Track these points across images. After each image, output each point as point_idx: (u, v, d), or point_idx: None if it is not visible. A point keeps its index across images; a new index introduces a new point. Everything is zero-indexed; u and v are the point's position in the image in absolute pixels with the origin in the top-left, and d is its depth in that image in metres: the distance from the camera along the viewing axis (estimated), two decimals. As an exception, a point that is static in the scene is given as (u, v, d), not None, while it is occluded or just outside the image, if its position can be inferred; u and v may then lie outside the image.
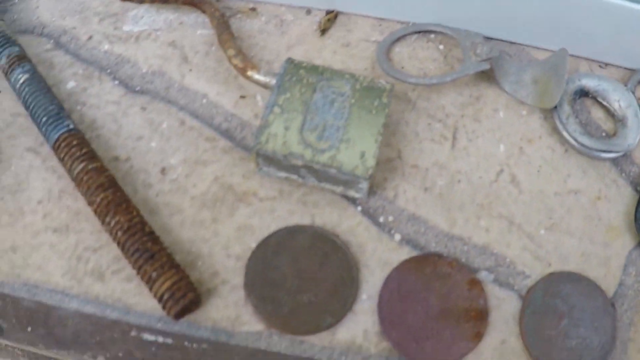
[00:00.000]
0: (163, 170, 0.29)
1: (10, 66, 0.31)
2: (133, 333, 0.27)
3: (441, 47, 0.33)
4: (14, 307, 0.28)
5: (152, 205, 0.28)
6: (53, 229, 0.29)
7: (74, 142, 0.28)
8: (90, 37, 0.33)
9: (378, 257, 0.28)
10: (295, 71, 0.28)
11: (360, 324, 0.27)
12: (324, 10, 0.33)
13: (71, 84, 0.31)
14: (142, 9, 0.33)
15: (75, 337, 0.27)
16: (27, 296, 0.28)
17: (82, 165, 0.28)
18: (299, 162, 0.27)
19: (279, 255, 0.27)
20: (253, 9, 0.32)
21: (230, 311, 0.27)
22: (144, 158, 0.29)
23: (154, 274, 0.26)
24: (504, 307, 0.27)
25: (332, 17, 0.32)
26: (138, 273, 0.27)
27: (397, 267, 0.28)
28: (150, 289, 0.26)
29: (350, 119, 0.28)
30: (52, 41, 0.33)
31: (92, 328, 0.27)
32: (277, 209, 0.28)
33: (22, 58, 0.31)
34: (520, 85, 0.32)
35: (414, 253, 0.28)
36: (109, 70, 0.31)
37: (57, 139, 0.29)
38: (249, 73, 0.29)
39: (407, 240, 0.28)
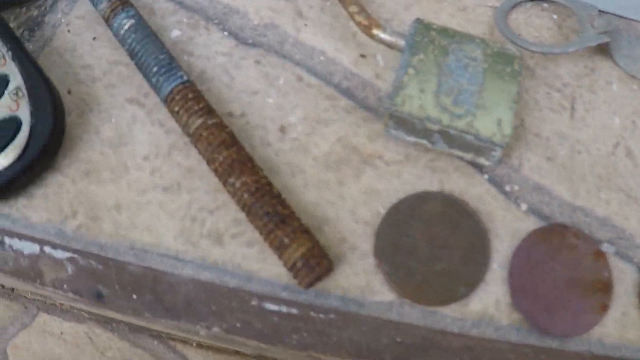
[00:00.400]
0: (282, 128, 0.27)
1: (112, 10, 0.28)
2: (253, 302, 0.25)
3: (555, 16, 0.32)
4: (118, 272, 0.26)
5: (272, 164, 0.27)
6: (163, 187, 0.27)
7: (190, 95, 0.26)
8: (192, -16, 0.30)
9: (507, 225, 0.27)
10: (426, 32, 0.27)
11: (492, 294, 0.26)
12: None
13: (175, 33, 0.29)
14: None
15: (187, 306, 0.25)
16: (133, 260, 0.26)
17: (200, 120, 0.26)
18: (435, 127, 0.26)
19: (410, 222, 0.26)
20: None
21: (360, 279, 0.25)
22: (260, 114, 0.27)
23: (286, 240, 0.24)
24: (624, 279, 0.27)
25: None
26: (266, 238, 0.25)
27: (526, 237, 0.27)
28: (281, 255, 0.25)
29: (484, 84, 0.26)
30: (148, -14, 0.31)
31: (207, 296, 0.25)
32: (403, 174, 0.27)
33: (125, 2, 0.28)
34: (633, 59, 0.31)
35: (540, 223, 0.27)
36: (216, 20, 0.29)
37: (171, 91, 0.27)
38: (374, 31, 0.27)
39: (532, 210, 0.27)
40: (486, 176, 0.28)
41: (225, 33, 0.29)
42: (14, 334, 0.38)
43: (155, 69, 0.27)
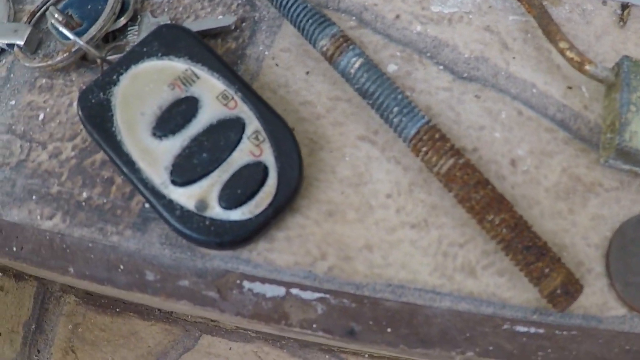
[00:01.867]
0: (512, 162, 0.29)
1: (337, 48, 0.28)
2: (505, 326, 0.28)
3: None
4: (373, 309, 0.27)
5: (509, 197, 0.28)
6: (410, 225, 0.28)
7: (437, 136, 0.27)
8: (397, 16, 0.31)
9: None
10: (637, 69, 0.29)
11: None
12: (616, 1, 0.33)
13: (392, 67, 0.30)
14: (446, -13, 0.31)
15: (443, 335, 0.27)
16: (390, 297, 0.27)
17: (452, 160, 0.27)
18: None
19: (636, 242, 0.29)
20: (558, -5, 0.32)
21: (597, 298, 0.28)
22: (490, 149, 0.29)
23: (546, 270, 0.27)
24: None
25: (628, 9, 0.33)
26: (524, 269, 0.27)
27: None
28: (538, 284, 0.27)
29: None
30: (354, 18, 0.31)
31: (462, 324, 0.27)
32: (621, 199, 0.30)
33: (347, 39, 0.29)
34: None
35: None
36: (428, 54, 0.30)
37: (417, 132, 0.27)
38: (587, 67, 0.29)
39: None
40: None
41: (440, 67, 0.30)
42: (176, 359, 0.38)
43: (395, 109, 0.28)
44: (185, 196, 0.27)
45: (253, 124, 0.27)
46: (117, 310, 0.38)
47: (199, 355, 0.38)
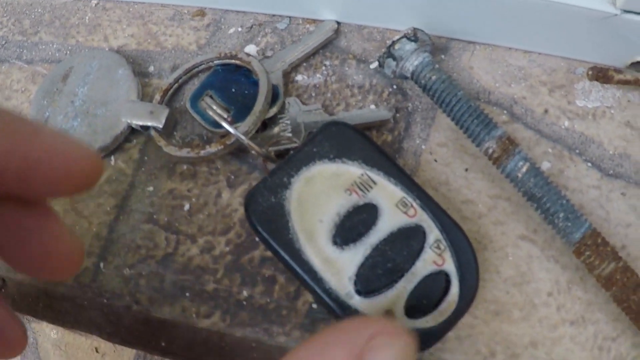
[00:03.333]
0: (657, 257, 0.31)
1: (504, 150, 0.29)
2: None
3: None
4: None
5: (654, 292, 0.31)
6: (570, 322, 0.30)
7: (599, 240, 0.29)
8: (546, 111, 0.32)
9: None
10: None
11: None
12: None
13: (546, 165, 0.31)
14: (587, 82, 0.33)
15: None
16: (557, 389, 0.29)
17: (612, 264, 0.29)
18: None
19: None
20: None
21: None
22: (637, 246, 0.31)
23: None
24: None
25: None
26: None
27: None
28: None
29: None
30: (505, 112, 0.32)
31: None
32: None
33: (513, 142, 0.30)
34: None
35: None
36: (577, 151, 0.32)
37: (583, 237, 0.29)
38: None
39: None
40: None
41: (589, 164, 0.32)
42: None
43: (562, 215, 0.29)
44: (372, 307, 0.27)
45: (434, 232, 0.28)
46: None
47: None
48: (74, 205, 0.32)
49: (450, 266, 0.28)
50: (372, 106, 0.32)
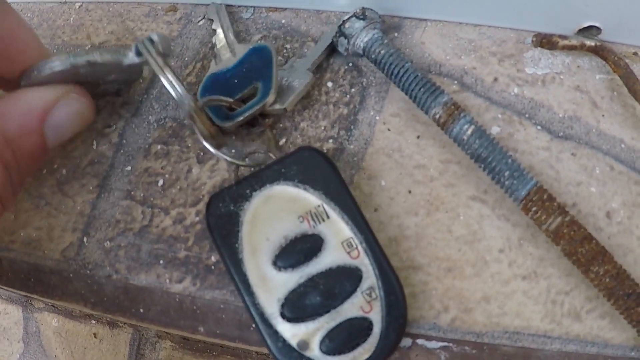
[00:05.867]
0: (608, 214, 0.33)
1: (450, 115, 0.32)
2: (606, 362, 0.32)
3: None
4: (491, 354, 0.32)
5: (606, 247, 0.33)
6: (522, 276, 0.32)
7: (545, 196, 0.31)
8: (495, 79, 0.34)
9: None
10: None
11: None
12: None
13: (495, 129, 0.34)
14: (537, 50, 0.35)
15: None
16: (507, 342, 0.31)
17: (559, 218, 0.31)
18: None
19: None
20: (635, 54, 0.36)
21: (687, 334, 0.33)
22: (588, 203, 0.33)
23: (647, 314, 0.31)
24: None
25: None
26: (625, 313, 0.31)
27: None
28: (637, 325, 0.31)
29: None
30: (455, 82, 0.34)
31: (575, 363, 0.32)
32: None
33: (458, 107, 0.32)
34: None
35: None
36: (527, 115, 0.34)
37: (528, 194, 0.31)
38: (670, 122, 0.34)
39: None
40: None
41: (539, 127, 0.34)
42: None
43: (507, 173, 0.31)
44: (290, 332, 0.29)
45: (370, 279, 0.29)
46: (214, 353, 0.41)
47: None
48: (60, 186, 0.36)
49: (376, 316, 0.29)
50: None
